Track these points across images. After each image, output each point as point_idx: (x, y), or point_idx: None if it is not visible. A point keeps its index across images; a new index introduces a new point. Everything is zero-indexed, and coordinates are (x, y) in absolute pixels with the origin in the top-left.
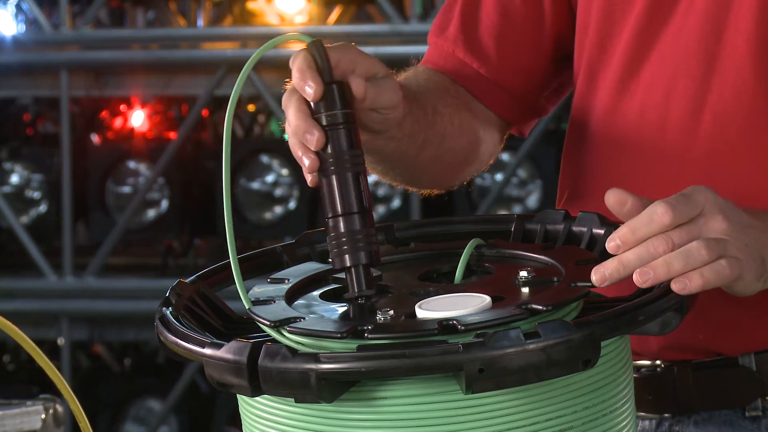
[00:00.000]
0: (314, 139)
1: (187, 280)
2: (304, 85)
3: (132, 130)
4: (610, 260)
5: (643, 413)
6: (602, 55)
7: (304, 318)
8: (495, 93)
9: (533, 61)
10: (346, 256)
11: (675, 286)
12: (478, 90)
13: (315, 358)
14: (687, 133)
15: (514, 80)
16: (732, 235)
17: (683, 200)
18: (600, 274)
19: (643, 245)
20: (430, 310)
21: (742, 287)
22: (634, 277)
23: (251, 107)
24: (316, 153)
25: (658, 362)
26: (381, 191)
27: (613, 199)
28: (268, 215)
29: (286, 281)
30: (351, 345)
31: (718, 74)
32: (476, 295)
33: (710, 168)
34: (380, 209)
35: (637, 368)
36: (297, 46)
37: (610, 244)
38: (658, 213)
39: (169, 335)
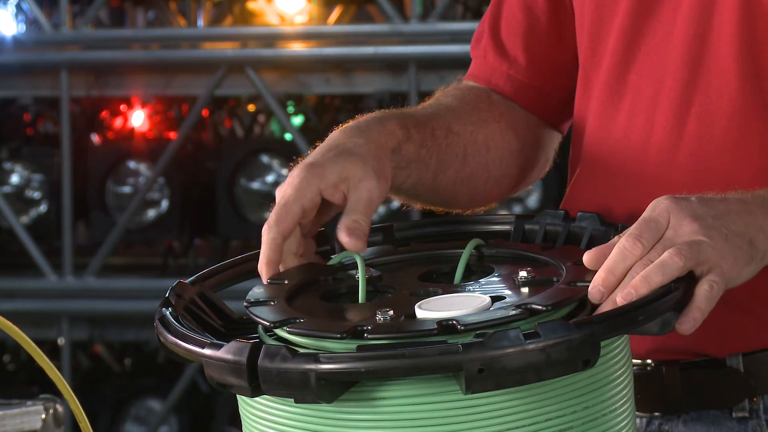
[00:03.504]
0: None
1: (187, 281)
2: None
3: (132, 130)
4: (607, 303)
5: None
6: (594, 57)
7: (303, 318)
8: (528, 93)
9: (560, 56)
10: None
11: (620, 302)
12: (511, 92)
13: (314, 358)
14: (673, 134)
15: (544, 77)
16: (708, 233)
17: (645, 226)
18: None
19: (628, 278)
20: (429, 310)
21: (733, 283)
22: (618, 300)
23: (251, 107)
24: None
25: (648, 361)
26: None
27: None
28: (268, 215)
29: (286, 282)
30: (350, 345)
31: (703, 76)
32: (476, 295)
33: (696, 168)
34: (380, 209)
35: None
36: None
37: (593, 292)
38: (627, 247)
39: (169, 336)
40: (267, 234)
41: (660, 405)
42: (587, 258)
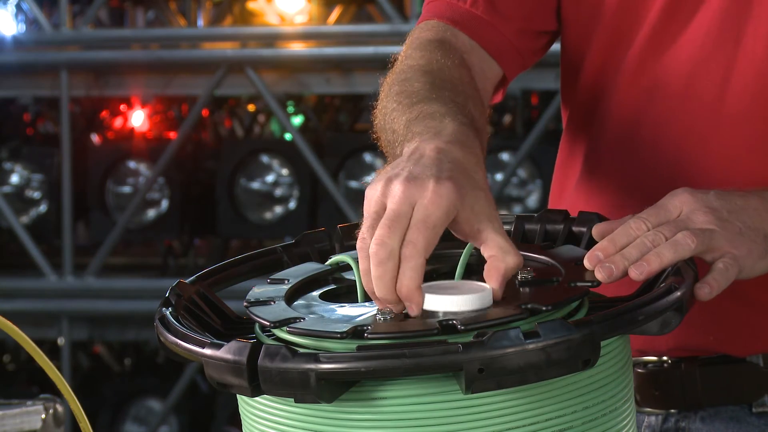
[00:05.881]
0: (414, 309)
1: (187, 281)
2: (407, 301)
3: (132, 130)
4: (614, 256)
5: (649, 408)
6: (616, 50)
7: (303, 318)
8: (502, 43)
9: (542, 22)
10: None
11: (632, 273)
12: (495, 49)
13: (315, 358)
14: (705, 134)
15: (520, 37)
16: (721, 224)
17: (654, 211)
18: (607, 270)
19: (639, 240)
20: (433, 293)
21: (746, 273)
22: (630, 271)
23: (251, 107)
24: None
25: (665, 358)
26: None
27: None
28: (268, 215)
29: (286, 282)
30: (351, 345)
31: (737, 77)
32: (478, 284)
33: (727, 169)
34: None
35: (644, 364)
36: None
37: (591, 256)
38: (632, 226)
39: (169, 335)
40: (415, 259)
41: (678, 402)
42: (596, 229)
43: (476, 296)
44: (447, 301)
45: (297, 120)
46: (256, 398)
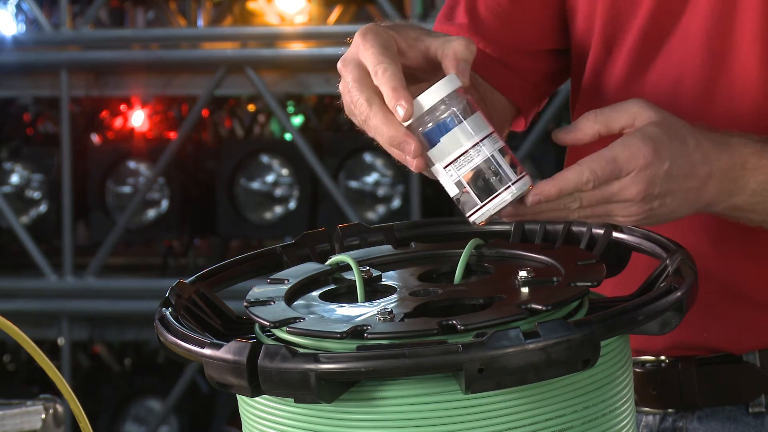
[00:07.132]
0: (411, 148)
1: (186, 281)
2: (396, 104)
3: (132, 130)
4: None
5: (646, 408)
6: (607, 57)
7: (303, 318)
8: (501, 72)
9: (538, 41)
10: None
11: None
12: (485, 69)
13: (314, 358)
14: None
15: (520, 60)
16: (637, 218)
17: (609, 169)
18: (511, 214)
19: (556, 204)
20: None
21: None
22: (527, 198)
23: (251, 107)
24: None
25: (662, 357)
26: (381, 192)
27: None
28: (268, 215)
29: (286, 282)
30: (350, 345)
31: (725, 76)
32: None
33: None
34: (380, 209)
35: (642, 363)
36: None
37: (531, 196)
38: (582, 182)
39: (169, 335)
40: (389, 69)
41: (675, 401)
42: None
43: (441, 83)
44: (420, 101)
45: (297, 120)
46: (256, 398)
